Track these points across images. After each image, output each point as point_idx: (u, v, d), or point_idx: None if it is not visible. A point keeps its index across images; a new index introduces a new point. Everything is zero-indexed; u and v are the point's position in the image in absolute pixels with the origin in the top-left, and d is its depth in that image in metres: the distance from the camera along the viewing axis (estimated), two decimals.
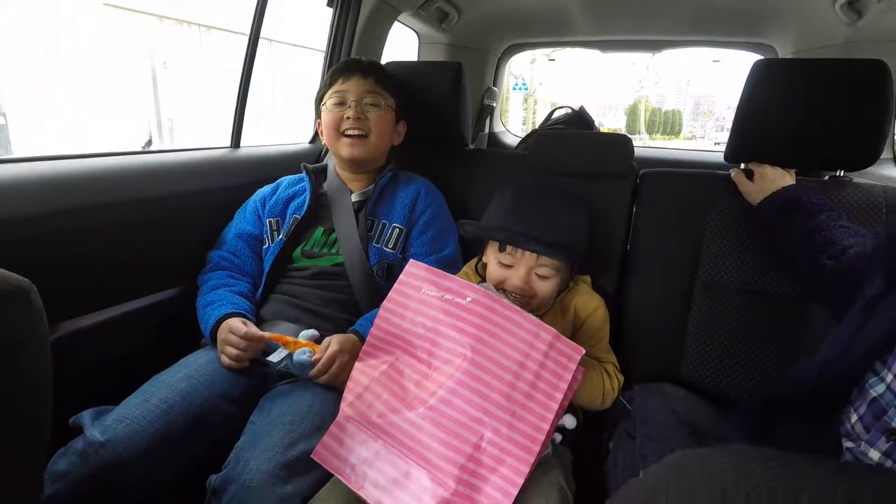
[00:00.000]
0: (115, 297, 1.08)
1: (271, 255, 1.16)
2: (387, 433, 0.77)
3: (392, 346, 0.86)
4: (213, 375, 0.96)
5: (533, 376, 0.75)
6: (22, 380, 0.35)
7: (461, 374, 0.76)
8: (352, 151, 1.17)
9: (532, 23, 2.13)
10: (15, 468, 0.37)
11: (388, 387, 0.81)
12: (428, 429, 0.74)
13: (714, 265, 1.10)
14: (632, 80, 28.54)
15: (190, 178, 1.23)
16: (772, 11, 1.77)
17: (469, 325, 0.79)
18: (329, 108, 1.19)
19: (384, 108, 1.20)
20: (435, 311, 0.82)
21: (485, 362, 0.76)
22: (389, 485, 0.74)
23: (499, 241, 0.97)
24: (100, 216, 1.01)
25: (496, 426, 0.73)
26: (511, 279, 0.97)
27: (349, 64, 1.23)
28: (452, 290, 0.83)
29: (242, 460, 0.79)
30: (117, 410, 0.86)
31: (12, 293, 0.34)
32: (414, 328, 0.84)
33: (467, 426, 0.74)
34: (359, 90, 1.18)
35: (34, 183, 0.93)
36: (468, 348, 0.77)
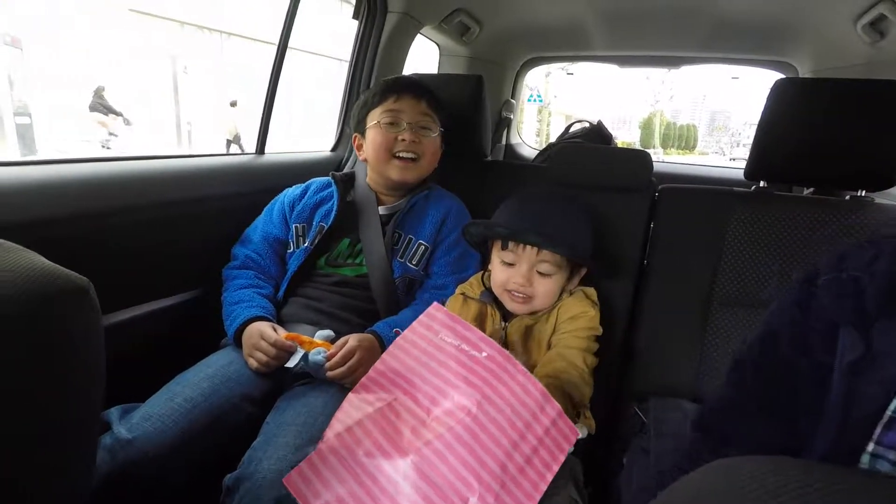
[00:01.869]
0: (138, 297, 1.11)
1: (296, 262, 1.17)
2: (369, 475, 0.73)
3: (394, 384, 0.82)
4: (235, 376, 0.98)
5: (530, 450, 0.71)
6: (78, 374, 0.37)
7: (461, 430, 0.72)
8: (403, 175, 1.17)
9: (551, 37, 2.15)
10: (69, 458, 0.39)
11: (381, 426, 0.77)
12: (413, 479, 0.70)
13: (732, 281, 1.11)
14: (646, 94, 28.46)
15: (215, 182, 1.25)
16: (792, 29, 1.77)
17: (479, 380, 0.76)
18: (382, 127, 1.16)
19: (435, 134, 1.20)
20: (448, 358, 0.79)
21: (488, 424, 0.72)
22: None
23: (501, 236, 0.99)
24: (124, 219, 1.03)
25: (484, 494, 0.68)
26: (513, 277, 0.99)
27: (401, 82, 1.20)
28: (470, 342, 0.80)
29: (255, 460, 0.81)
30: (143, 408, 0.88)
31: (72, 291, 0.36)
32: (421, 370, 0.81)
33: (454, 487, 0.69)
34: (414, 112, 1.17)
35: (57, 185, 0.95)
36: (475, 404, 0.73)
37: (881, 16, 1.43)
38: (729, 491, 0.26)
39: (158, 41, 8.74)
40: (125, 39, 8.20)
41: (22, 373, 0.34)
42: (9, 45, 7.39)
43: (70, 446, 0.38)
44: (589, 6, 1.75)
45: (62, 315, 0.35)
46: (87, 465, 0.42)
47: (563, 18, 1.90)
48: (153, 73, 8.78)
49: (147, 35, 8.52)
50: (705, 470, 0.30)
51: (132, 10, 8.26)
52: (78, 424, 0.39)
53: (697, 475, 0.30)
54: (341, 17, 1.60)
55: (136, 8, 8.27)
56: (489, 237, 1.05)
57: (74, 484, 0.40)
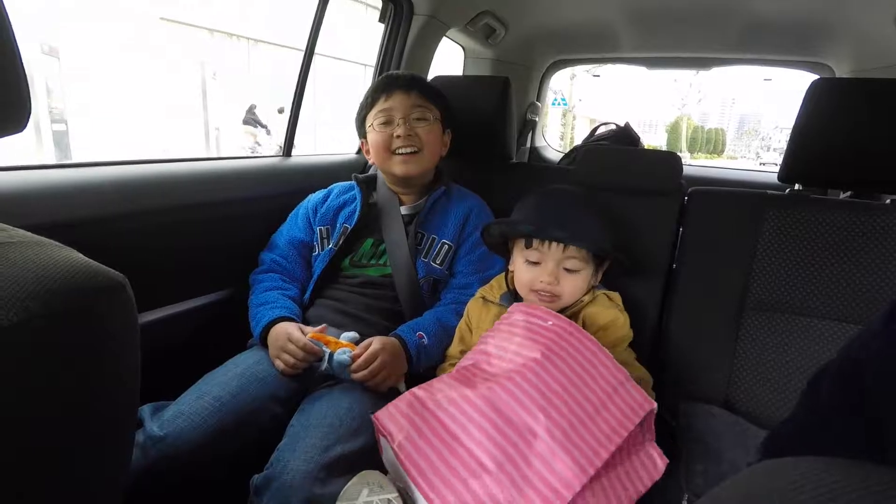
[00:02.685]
0: (168, 297, 1.13)
1: (321, 263, 1.18)
2: (445, 410, 0.77)
3: (470, 359, 0.89)
4: (263, 375, 0.99)
5: (599, 402, 0.76)
6: (117, 370, 0.38)
7: (528, 372, 0.76)
8: (406, 169, 1.17)
9: (578, 39, 2.13)
10: (107, 454, 0.39)
11: (457, 379, 0.83)
12: (483, 409, 0.74)
13: (765, 286, 1.08)
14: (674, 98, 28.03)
15: (242, 185, 1.27)
16: (829, 29, 1.72)
17: (544, 339, 0.81)
18: (376, 128, 1.17)
19: (432, 122, 1.20)
20: (516, 328, 0.86)
21: (552, 369, 0.77)
22: (434, 457, 0.73)
23: (526, 234, 0.98)
24: (155, 220, 1.05)
25: (551, 428, 0.71)
26: (539, 276, 0.97)
27: (388, 80, 1.20)
28: (538, 316, 0.87)
29: (283, 461, 0.81)
30: (174, 406, 0.89)
31: (111, 287, 0.37)
32: (493, 340, 0.87)
33: (522, 419, 0.73)
34: (404, 106, 1.17)
35: (93, 187, 0.98)
36: (539, 353, 0.78)
37: None
38: (783, 490, 0.24)
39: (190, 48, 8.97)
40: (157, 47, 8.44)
41: (64, 368, 0.34)
42: (46, 53, 7.67)
43: (108, 442, 0.39)
44: (618, 7, 1.73)
45: (101, 311, 0.36)
46: (124, 460, 0.43)
47: (591, 20, 1.88)
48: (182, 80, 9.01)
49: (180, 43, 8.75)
50: (754, 470, 0.28)
51: (163, 18, 8.49)
52: (116, 420, 0.39)
53: (746, 475, 0.29)
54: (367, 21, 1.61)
55: (166, 17, 8.50)
56: (511, 236, 1.04)
57: (111, 479, 0.41)
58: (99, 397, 0.37)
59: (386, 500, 0.71)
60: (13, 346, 0.31)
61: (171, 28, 8.65)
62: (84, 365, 0.36)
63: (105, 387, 0.37)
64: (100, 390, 0.37)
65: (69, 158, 7.73)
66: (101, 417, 0.38)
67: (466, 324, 1.08)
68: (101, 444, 0.38)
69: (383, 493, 0.72)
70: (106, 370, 0.37)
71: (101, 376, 0.37)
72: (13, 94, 0.42)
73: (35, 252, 0.36)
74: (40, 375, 0.33)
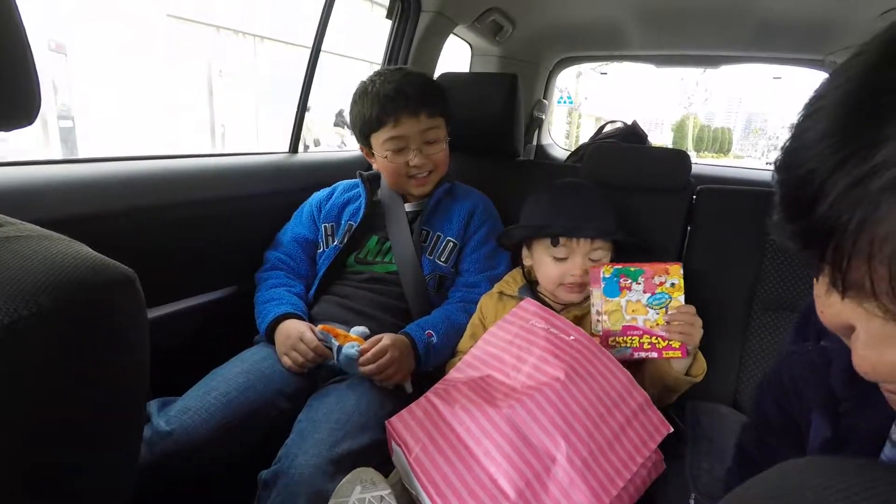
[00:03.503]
0: (174, 293, 1.13)
1: (326, 261, 1.18)
2: (463, 424, 0.75)
3: (486, 365, 0.86)
4: (269, 371, 0.99)
5: (618, 427, 0.75)
6: (126, 365, 0.38)
7: (550, 392, 0.75)
8: (423, 190, 1.18)
9: (586, 36, 2.12)
10: (116, 448, 0.39)
11: (475, 389, 0.81)
12: (505, 430, 0.72)
13: (775, 284, 1.07)
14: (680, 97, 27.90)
15: (248, 181, 1.27)
16: (839, 28, 1.70)
17: (568, 357, 0.80)
18: (390, 157, 1.13)
19: (443, 141, 1.18)
20: (538, 338, 0.84)
21: (576, 392, 0.75)
22: (453, 476, 0.72)
23: (558, 234, 0.99)
24: (161, 216, 1.05)
25: (571, 455, 0.70)
26: (570, 270, 0.99)
27: (394, 100, 1.10)
28: (559, 328, 0.86)
29: (291, 456, 0.82)
30: (181, 402, 0.90)
31: (120, 281, 0.36)
32: (512, 349, 0.85)
33: (543, 443, 0.71)
34: (416, 132, 1.12)
35: (100, 183, 0.98)
36: (562, 372, 0.77)
37: None
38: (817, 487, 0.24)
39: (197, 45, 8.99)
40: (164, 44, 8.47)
41: (74, 362, 0.34)
42: (53, 50, 7.70)
43: (118, 436, 0.39)
44: (626, 5, 1.72)
45: (110, 305, 0.36)
46: (133, 453, 0.43)
47: (599, 17, 1.87)
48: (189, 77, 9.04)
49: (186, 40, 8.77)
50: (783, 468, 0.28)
51: (170, 15, 8.51)
52: (125, 414, 0.39)
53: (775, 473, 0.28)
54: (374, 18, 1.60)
55: (173, 13, 8.52)
56: (537, 237, 1.04)
57: (121, 473, 0.41)
58: (108, 391, 0.37)
59: (378, 497, 0.71)
60: (23, 339, 0.31)
61: (177, 25, 8.68)
62: (94, 359, 0.36)
63: (115, 381, 0.37)
64: (109, 384, 0.37)
65: (76, 155, 7.77)
66: (111, 411, 0.38)
67: (480, 319, 1.09)
68: (111, 437, 0.38)
69: (376, 489, 0.72)
70: (115, 364, 0.37)
71: (111, 370, 0.37)
72: (24, 88, 0.42)
73: (44, 246, 0.36)
74: (50, 369, 0.33)
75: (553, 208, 1.02)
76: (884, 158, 0.26)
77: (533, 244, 1.05)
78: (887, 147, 0.26)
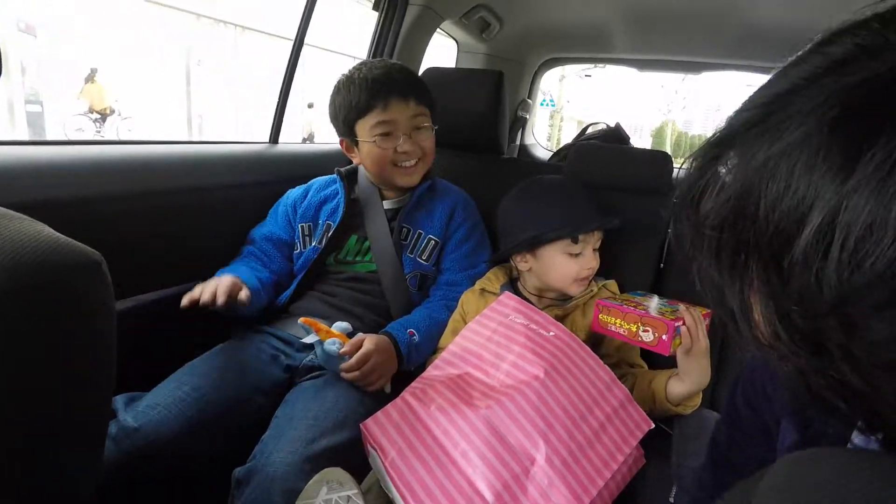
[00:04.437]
0: (145, 285, 1.09)
1: (305, 262, 1.15)
2: (440, 426, 0.74)
3: (465, 361, 0.85)
4: (244, 367, 0.96)
5: (598, 426, 0.74)
6: (91, 351, 0.36)
7: (530, 392, 0.74)
8: (410, 180, 1.14)
9: (572, 38, 2.13)
10: (79, 437, 0.37)
11: (453, 388, 0.80)
12: (483, 432, 0.71)
13: None
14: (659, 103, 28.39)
15: (227, 171, 1.23)
16: None
17: (547, 353, 0.78)
18: (378, 143, 1.09)
19: (431, 129, 1.16)
20: (517, 334, 0.83)
21: (555, 391, 0.74)
22: (429, 479, 0.71)
23: (589, 230, 1.00)
24: (134, 204, 1.01)
25: (551, 455, 0.69)
26: (586, 264, 1.00)
27: (383, 84, 1.08)
28: (539, 323, 0.85)
29: (266, 453, 0.80)
30: (149, 397, 0.86)
31: (85, 264, 0.34)
32: (490, 345, 0.84)
33: (522, 445, 0.70)
34: (405, 117, 1.10)
35: (67, 167, 0.93)
36: (541, 370, 0.76)
37: None
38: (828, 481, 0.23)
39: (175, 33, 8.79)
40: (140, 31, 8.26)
41: (34, 346, 0.32)
42: (23, 31, 7.44)
43: (81, 426, 0.37)
44: (613, 8, 1.73)
45: (75, 288, 0.33)
46: (97, 447, 0.40)
47: (586, 19, 1.87)
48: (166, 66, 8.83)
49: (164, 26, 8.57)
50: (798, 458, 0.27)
51: (149, 0, 8.31)
52: (90, 402, 0.37)
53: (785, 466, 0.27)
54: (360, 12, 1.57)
55: None
56: (557, 239, 1.00)
57: (84, 467, 0.38)
58: (72, 378, 0.35)
59: (345, 498, 0.70)
60: None
61: (157, 10, 8.48)
62: (56, 343, 0.33)
63: (79, 367, 0.35)
64: (73, 371, 0.35)
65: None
66: (75, 399, 0.35)
67: (461, 315, 1.07)
68: (74, 427, 0.36)
69: (342, 490, 0.70)
70: (80, 350, 0.35)
71: (75, 356, 0.34)
72: None
73: (3, 225, 0.33)
74: (8, 352, 0.31)
75: (569, 205, 1.02)
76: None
77: (542, 247, 1.01)
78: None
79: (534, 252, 1.02)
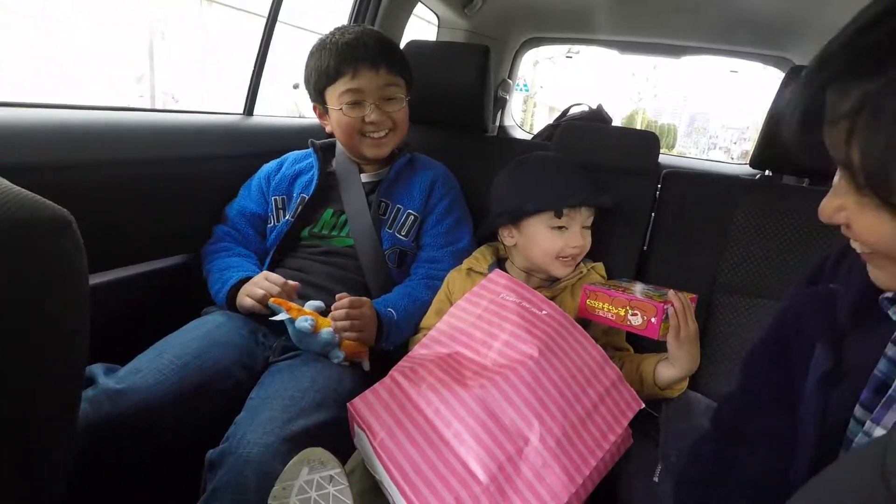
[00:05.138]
0: (114, 260, 1.03)
1: (277, 234, 1.12)
2: (431, 405, 0.72)
3: (454, 340, 0.82)
4: (225, 339, 0.93)
5: (591, 406, 0.73)
6: (63, 313, 0.32)
7: (524, 371, 0.72)
8: (379, 152, 1.11)
9: (554, 17, 2.10)
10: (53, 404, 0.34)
11: (444, 367, 0.77)
12: (476, 412, 0.69)
13: (736, 269, 1.09)
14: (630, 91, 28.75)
15: (200, 142, 1.18)
16: (796, 24, 1.76)
17: (540, 332, 0.77)
18: (344, 110, 1.06)
19: (403, 101, 1.12)
20: (509, 313, 0.81)
21: (549, 370, 0.73)
22: (420, 460, 0.69)
23: (573, 204, 0.98)
24: (99, 172, 0.95)
25: (545, 435, 0.68)
26: (570, 241, 0.98)
27: (354, 50, 1.05)
28: (531, 301, 0.83)
29: (239, 434, 0.77)
30: (130, 364, 0.83)
31: (55, 223, 0.30)
32: (482, 324, 0.82)
33: (516, 425, 0.69)
34: (374, 86, 1.06)
35: (21, 129, 0.86)
36: (535, 349, 0.74)
37: None
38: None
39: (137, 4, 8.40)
40: None
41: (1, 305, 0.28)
42: None
43: (52, 397, 0.33)
44: None
45: (43, 246, 0.30)
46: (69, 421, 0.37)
47: None
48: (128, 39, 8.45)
49: None
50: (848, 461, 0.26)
51: None
52: (60, 376, 0.34)
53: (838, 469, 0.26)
54: None
55: None
56: (538, 211, 0.99)
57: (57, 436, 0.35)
58: (41, 348, 0.31)
59: (328, 478, 0.67)
60: None
61: None
62: (24, 303, 0.30)
63: (49, 335, 0.31)
64: (42, 338, 0.31)
65: None
66: (44, 369, 0.32)
67: (447, 295, 1.05)
68: (44, 399, 0.32)
69: (325, 469, 0.68)
70: (50, 315, 0.31)
71: (44, 322, 0.31)
72: None
73: None
74: None
75: (556, 178, 1.00)
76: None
77: (526, 220, 1.00)
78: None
79: (518, 225, 1.01)
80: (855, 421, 0.53)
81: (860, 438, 0.52)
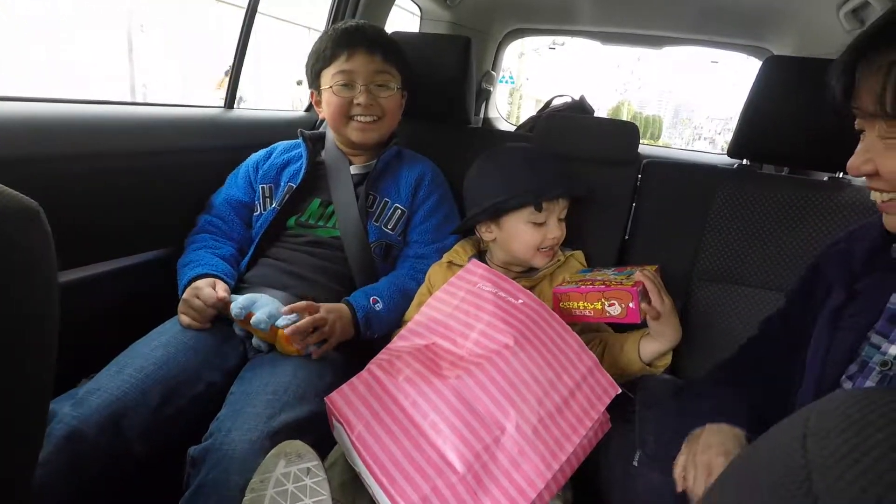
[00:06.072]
0: (91, 255, 1.02)
1: (263, 223, 1.11)
2: (409, 397, 0.72)
3: (431, 331, 0.83)
4: (192, 343, 0.92)
5: (567, 392, 0.73)
6: (31, 308, 0.32)
7: (499, 360, 0.73)
8: (364, 137, 1.11)
9: (536, 8, 2.10)
10: (19, 406, 0.33)
11: (420, 359, 0.78)
12: (453, 402, 0.70)
13: (714, 257, 1.11)
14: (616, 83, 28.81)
15: (180, 136, 1.17)
16: (775, 15, 1.78)
17: (516, 321, 0.77)
18: (335, 90, 1.08)
19: (394, 90, 1.13)
20: (485, 302, 0.81)
21: (525, 359, 0.73)
22: (398, 452, 0.69)
23: (552, 197, 0.98)
24: (75, 166, 0.94)
25: (521, 423, 0.69)
26: (549, 233, 0.99)
27: (352, 35, 1.09)
28: (508, 291, 0.83)
29: (223, 430, 0.76)
30: (89, 385, 0.81)
31: (23, 213, 0.30)
32: (458, 314, 0.82)
33: (492, 413, 0.70)
34: (367, 70, 1.08)
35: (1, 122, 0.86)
36: (511, 339, 0.75)
37: (865, 2, 1.44)
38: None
39: None
40: None
41: None
42: None
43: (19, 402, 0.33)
44: None
45: (9, 236, 0.29)
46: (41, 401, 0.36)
47: None
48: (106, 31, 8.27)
49: None
50: (854, 395, 0.26)
51: None
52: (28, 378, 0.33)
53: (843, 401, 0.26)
54: None
55: None
56: (520, 207, 0.98)
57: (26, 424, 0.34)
58: (6, 346, 0.30)
59: (305, 470, 0.68)
60: None
61: None
62: None
63: (16, 331, 0.31)
64: (8, 335, 0.30)
65: None
66: (10, 372, 0.31)
67: (428, 289, 1.05)
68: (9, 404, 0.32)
69: (301, 462, 0.69)
70: (16, 309, 0.31)
71: (10, 316, 0.30)
72: None
73: None
74: None
75: (532, 172, 0.99)
76: None
77: (506, 216, 1.00)
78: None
79: (497, 221, 1.01)
80: (871, 346, 0.63)
81: (877, 357, 0.63)
